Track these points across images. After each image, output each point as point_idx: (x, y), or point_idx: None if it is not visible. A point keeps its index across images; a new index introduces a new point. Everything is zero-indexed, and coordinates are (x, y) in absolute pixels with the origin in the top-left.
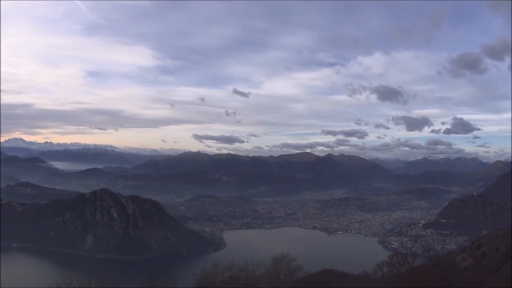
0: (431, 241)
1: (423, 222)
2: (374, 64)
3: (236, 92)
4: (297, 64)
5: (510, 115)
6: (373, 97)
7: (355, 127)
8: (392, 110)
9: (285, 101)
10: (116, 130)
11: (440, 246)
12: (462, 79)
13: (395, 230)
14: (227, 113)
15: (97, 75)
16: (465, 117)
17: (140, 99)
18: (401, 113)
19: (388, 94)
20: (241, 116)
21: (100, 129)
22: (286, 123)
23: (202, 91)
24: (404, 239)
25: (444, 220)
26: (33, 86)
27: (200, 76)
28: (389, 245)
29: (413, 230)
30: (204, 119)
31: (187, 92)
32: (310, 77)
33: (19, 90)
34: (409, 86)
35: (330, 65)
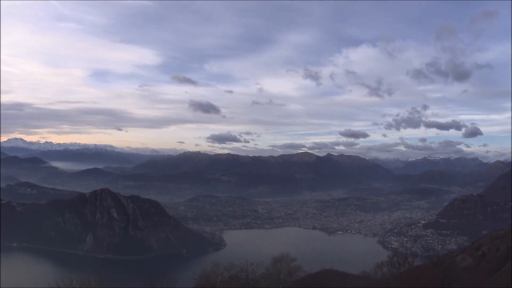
0: (431, 241)
1: (423, 222)
2: (373, 63)
3: (234, 91)
4: (295, 63)
5: (510, 115)
6: (372, 96)
7: (354, 126)
8: (391, 109)
9: (283, 101)
10: (114, 130)
11: (440, 246)
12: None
13: (395, 230)
14: (225, 113)
15: (95, 75)
16: (466, 117)
17: (138, 99)
18: (400, 112)
19: (387, 92)
20: (239, 115)
21: (97, 128)
22: (284, 123)
23: (201, 91)
24: (404, 239)
25: (444, 220)
26: (30, 86)
27: (198, 76)
28: (389, 245)
29: (413, 230)
30: (203, 118)
31: (185, 92)
32: (308, 75)
33: (16, 89)
34: (410, 85)
35: (328, 63)
